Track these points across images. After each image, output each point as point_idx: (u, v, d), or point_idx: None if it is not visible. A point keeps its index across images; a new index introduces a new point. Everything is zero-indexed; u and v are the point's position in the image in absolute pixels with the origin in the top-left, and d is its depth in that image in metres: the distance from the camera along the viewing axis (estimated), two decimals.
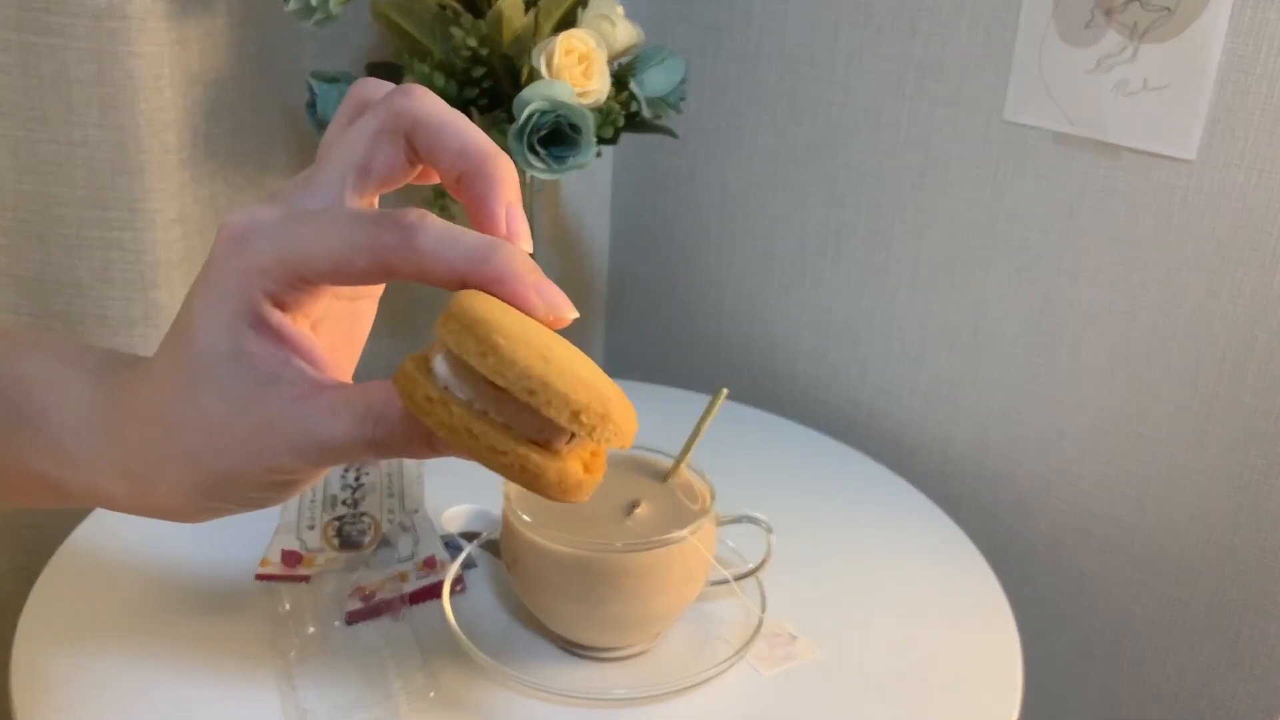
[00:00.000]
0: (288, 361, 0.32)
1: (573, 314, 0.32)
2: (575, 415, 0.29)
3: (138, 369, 0.34)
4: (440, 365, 0.31)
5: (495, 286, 0.30)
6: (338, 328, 0.37)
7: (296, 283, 0.31)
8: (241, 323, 0.31)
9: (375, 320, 0.39)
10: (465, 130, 0.33)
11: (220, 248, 0.32)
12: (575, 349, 0.32)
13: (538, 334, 0.30)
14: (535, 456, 0.30)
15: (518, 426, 0.30)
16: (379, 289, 0.38)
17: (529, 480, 0.30)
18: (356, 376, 0.37)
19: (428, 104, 0.33)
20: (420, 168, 0.34)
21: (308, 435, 0.31)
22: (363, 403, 0.31)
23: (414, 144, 0.33)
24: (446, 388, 0.30)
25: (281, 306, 0.32)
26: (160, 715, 0.56)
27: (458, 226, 0.31)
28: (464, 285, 0.31)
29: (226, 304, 0.31)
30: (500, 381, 0.29)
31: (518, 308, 0.31)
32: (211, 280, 0.32)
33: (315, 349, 0.33)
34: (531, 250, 0.33)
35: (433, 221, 0.30)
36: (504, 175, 0.33)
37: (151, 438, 0.33)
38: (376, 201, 0.35)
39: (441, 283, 0.31)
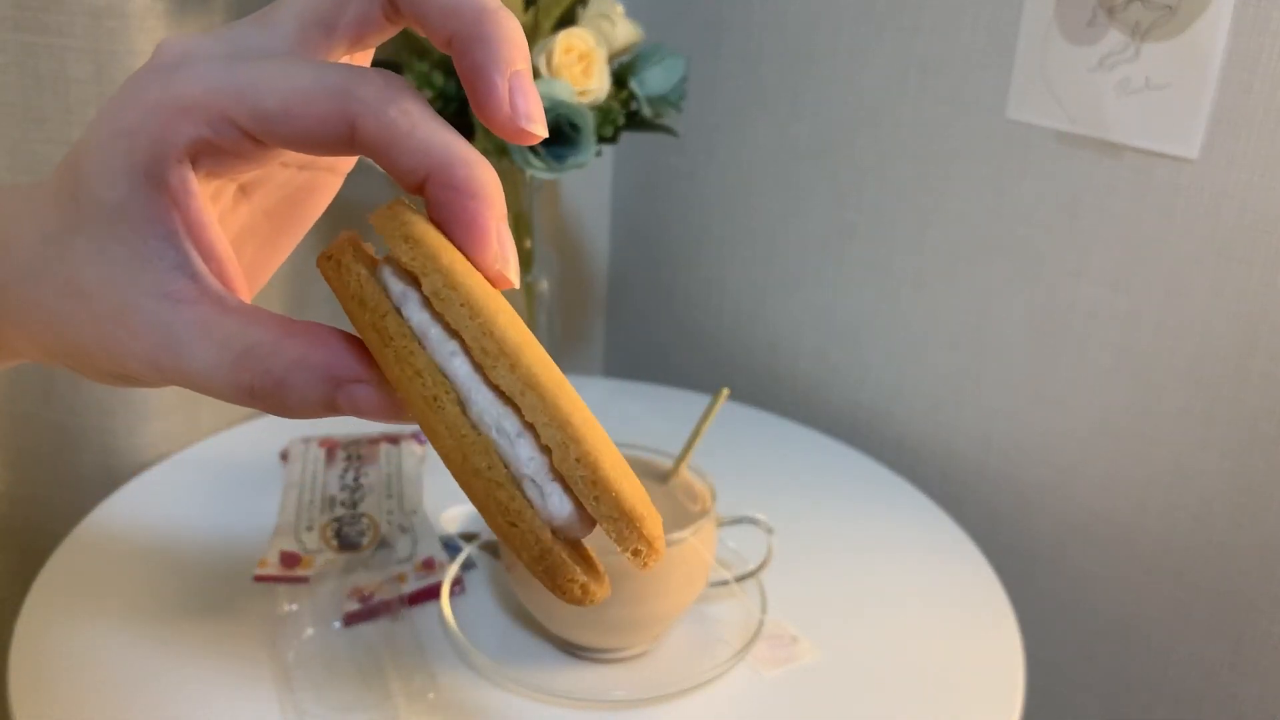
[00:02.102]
0: (171, 239, 0.26)
1: (517, 282, 0.27)
2: (642, 547, 0.26)
3: (18, 195, 0.29)
4: (452, 359, 0.25)
5: (460, 201, 0.26)
6: (277, 196, 0.31)
7: (225, 126, 0.26)
8: (137, 173, 0.26)
9: None
10: None
11: (140, 73, 0.26)
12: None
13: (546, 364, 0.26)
14: (576, 572, 0.26)
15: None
16: (344, 161, 0.32)
17: (541, 573, 0.26)
18: None
19: None
20: (402, 25, 0.29)
21: (164, 350, 0.26)
22: (241, 339, 0.26)
23: None
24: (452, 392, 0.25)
25: (196, 161, 0.26)
26: (158, 717, 0.56)
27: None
28: (420, 184, 0.26)
29: (125, 145, 0.26)
30: (587, 497, 0.25)
31: (470, 241, 0.26)
32: (117, 111, 0.26)
33: (210, 229, 0.27)
34: (546, 135, 0.27)
35: (421, 97, 0.26)
36: (505, 35, 0.26)
37: (11, 277, 0.28)
38: None
39: (401, 167, 0.26)
